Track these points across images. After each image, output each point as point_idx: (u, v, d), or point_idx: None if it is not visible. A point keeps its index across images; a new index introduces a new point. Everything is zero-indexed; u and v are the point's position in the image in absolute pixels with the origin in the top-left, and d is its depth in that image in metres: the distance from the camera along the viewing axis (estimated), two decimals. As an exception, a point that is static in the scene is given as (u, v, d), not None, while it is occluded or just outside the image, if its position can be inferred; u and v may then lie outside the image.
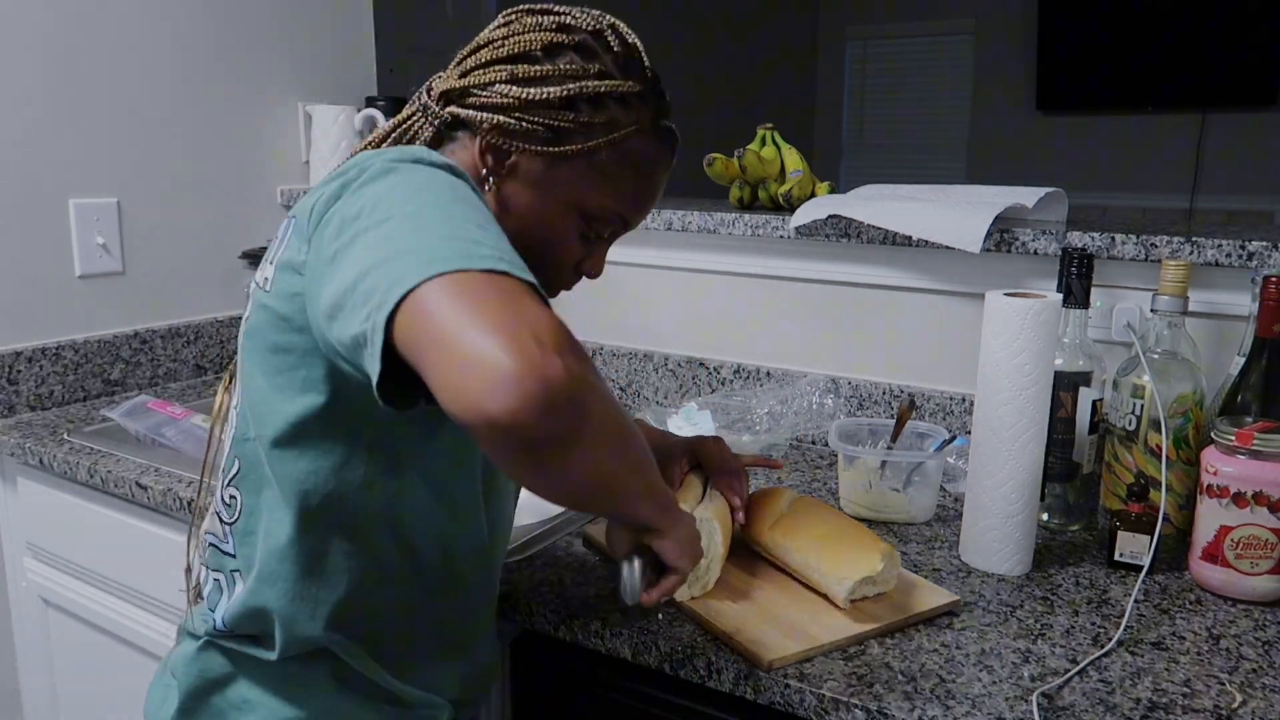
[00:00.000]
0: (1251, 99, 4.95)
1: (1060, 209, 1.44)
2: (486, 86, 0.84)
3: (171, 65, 1.77)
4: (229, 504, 0.88)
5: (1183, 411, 1.12)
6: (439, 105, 0.87)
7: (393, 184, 0.72)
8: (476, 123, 0.84)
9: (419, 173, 0.73)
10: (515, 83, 0.84)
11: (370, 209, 0.70)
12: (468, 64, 0.87)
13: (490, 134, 0.84)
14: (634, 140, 0.86)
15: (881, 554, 0.99)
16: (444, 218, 0.68)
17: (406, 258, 0.63)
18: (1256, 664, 0.90)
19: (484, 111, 0.84)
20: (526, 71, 0.84)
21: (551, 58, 0.84)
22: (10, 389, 1.61)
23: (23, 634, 1.67)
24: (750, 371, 1.61)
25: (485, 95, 0.84)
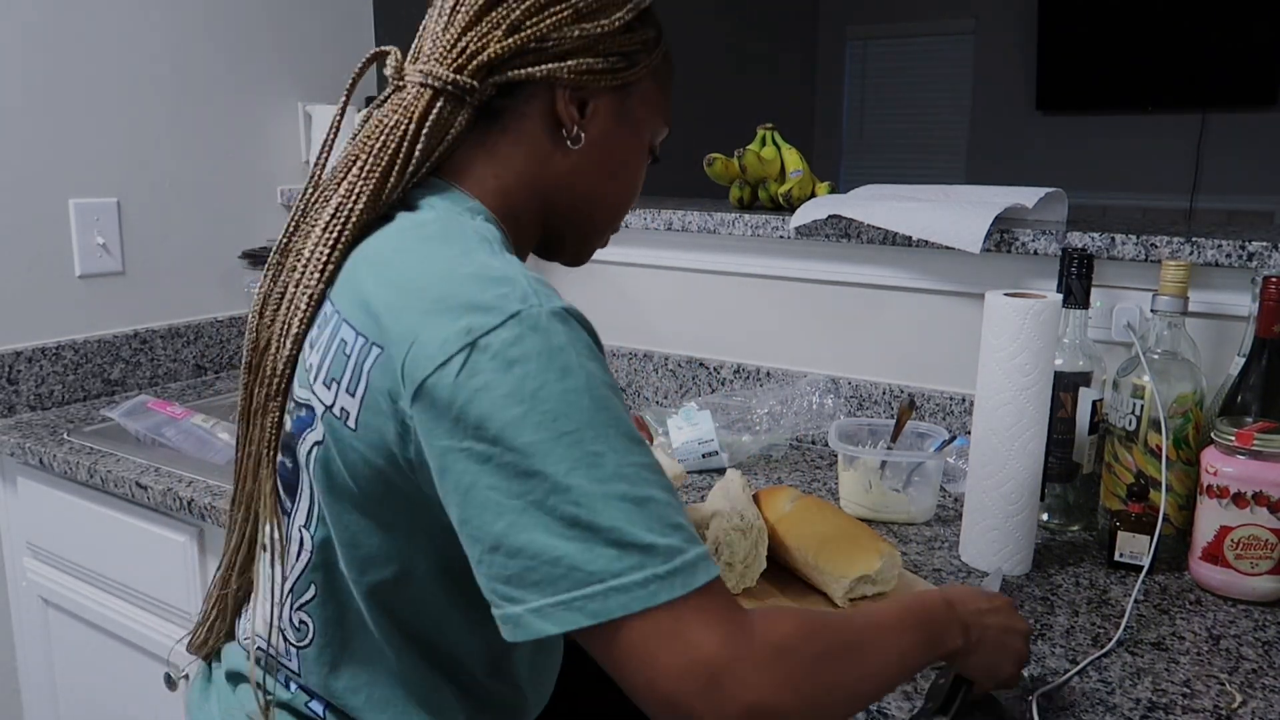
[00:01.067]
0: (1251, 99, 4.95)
1: (1060, 209, 1.44)
2: (552, 34, 0.76)
3: (172, 65, 1.77)
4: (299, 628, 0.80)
5: (1183, 411, 1.12)
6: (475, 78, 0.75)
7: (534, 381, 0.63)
8: (554, 77, 0.76)
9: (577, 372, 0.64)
10: (584, 19, 0.76)
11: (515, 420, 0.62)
12: (509, 17, 0.76)
13: (573, 84, 0.77)
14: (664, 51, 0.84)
15: (880, 554, 0.99)
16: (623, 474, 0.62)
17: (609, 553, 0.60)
18: (1256, 664, 0.90)
19: (561, 61, 0.76)
20: (587, 4, 0.77)
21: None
22: (10, 389, 1.61)
23: (23, 634, 1.67)
24: (750, 371, 1.61)
25: (553, 43, 0.76)
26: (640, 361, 1.71)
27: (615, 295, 1.73)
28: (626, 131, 0.82)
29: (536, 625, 0.61)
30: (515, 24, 0.75)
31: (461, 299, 0.65)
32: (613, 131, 0.81)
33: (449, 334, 0.64)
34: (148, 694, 1.47)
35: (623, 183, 0.84)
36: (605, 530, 0.60)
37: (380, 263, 0.72)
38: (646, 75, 0.81)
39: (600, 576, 0.60)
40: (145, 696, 1.48)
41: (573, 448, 0.61)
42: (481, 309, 0.64)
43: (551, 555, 0.60)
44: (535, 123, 0.78)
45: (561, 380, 0.63)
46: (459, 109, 0.76)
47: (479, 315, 0.64)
